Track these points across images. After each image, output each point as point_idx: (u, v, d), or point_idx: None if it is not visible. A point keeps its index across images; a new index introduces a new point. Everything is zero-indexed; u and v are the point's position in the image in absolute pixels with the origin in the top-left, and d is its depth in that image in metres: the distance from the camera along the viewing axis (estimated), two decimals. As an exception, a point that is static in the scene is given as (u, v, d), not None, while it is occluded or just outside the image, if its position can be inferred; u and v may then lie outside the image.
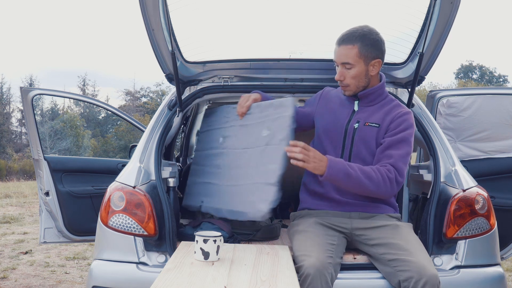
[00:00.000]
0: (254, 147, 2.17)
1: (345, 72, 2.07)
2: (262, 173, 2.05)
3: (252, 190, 2.06)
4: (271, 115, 2.14)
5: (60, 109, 41.68)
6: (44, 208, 3.45)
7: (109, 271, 2.00)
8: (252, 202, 2.02)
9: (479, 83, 41.84)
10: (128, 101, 46.17)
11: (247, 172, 2.14)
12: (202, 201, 2.34)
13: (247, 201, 2.06)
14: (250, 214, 2.03)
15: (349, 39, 2.04)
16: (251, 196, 2.05)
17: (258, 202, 2.00)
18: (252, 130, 2.21)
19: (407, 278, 1.77)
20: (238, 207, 2.10)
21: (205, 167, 2.44)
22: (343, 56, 2.05)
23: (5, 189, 13.28)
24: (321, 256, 1.77)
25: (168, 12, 2.15)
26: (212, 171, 2.36)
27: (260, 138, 2.14)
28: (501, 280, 2.00)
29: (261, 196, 2.00)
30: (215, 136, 2.47)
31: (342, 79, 2.09)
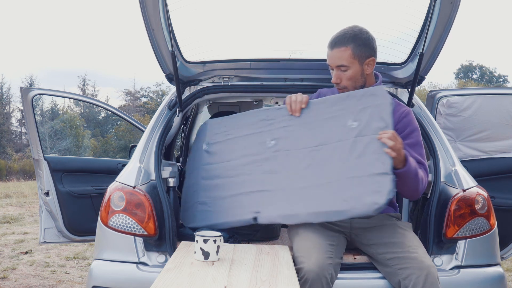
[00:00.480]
0: (334, 142, 1.99)
1: (341, 75, 2.06)
2: (360, 165, 1.88)
3: (350, 185, 1.88)
4: (354, 106, 1.99)
5: (60, 109, 41.69)
6: (44, 208, 3.45)
7: (109, 271, 2.00)
8: (356, 197, 1.85)
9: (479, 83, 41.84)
10: (128, 101, 46.18)
11: (331, 169, 1.95)
12: (257, 211, 2.06)
13: (347, 197, 1.87)
14: (357, 210, 1.85)
15: (341, 41, 2.03)
16: (350, 191, 1.87)
17: (367, 195, 1.82)
18: (325, 125, 2.03)
19: (407, 275, 1.77)
20: (332, 207, 1.89)
21: (244, 176, 2.16)
22: (337, 59, 2.04)
23: (5, 189, 13.28)
24: (321, 257, 1.77)
25: (168, 12, 2.15)
26: (262, 178, 2.11)
27: (344, 131, 1.97)
28: (501, 280, 2.01)
29: (369, 188, 1.83)
30: (250, 142, 2.21)
31: (339, 82, 2.08)
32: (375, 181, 1.83)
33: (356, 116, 1.97)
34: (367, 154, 1.89)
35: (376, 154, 1.86)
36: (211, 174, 2.27)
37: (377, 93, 1.97)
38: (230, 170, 2.22)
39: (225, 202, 2.17)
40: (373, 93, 1.98)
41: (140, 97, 47.66)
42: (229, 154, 2.25)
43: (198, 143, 2.39)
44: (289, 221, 2.00)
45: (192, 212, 2.26)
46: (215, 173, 2.26)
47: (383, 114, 1.92)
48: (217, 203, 2.19)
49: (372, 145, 1.88)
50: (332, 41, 2.06)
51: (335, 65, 2.06)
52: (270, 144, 2.15)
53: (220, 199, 2.20)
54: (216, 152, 2.30)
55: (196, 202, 2.27)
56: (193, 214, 2.25)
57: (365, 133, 1.92)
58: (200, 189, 2.28)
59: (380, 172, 1.83)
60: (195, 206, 2.27)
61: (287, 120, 2.13)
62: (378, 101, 1.95)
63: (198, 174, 2.31)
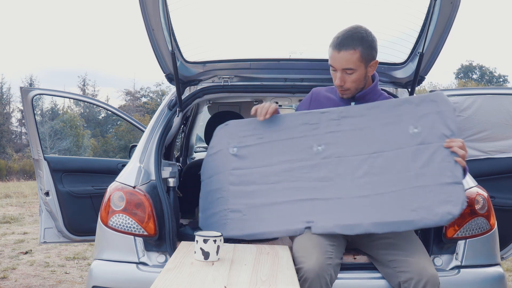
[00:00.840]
0: (394, 149, 1.91)
1: (346, 77, 2.02)
2: (427, 174, 1.83)
3: (418, 194, 1.82)
4: (413, 112, 1.91)
5: (60, 109, 41.68)
6: (44, 208, 3.45)
7: (109, 271, 2.00)
8: (427, 208, 1.79)
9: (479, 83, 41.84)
10: (128, 101, 46.17)
11: (393, 177, 1.88)
12: (309, 221, 1.94)
13: (415, 207, 1.81)
14: (428, 221, 1.79)
15: (350, 43, 1.97)
16: (418, 201, 1.81)
17: (439, 205, 1.77)
18: (382, 131, 1.95)
19: (407, 279, 1.77)
20: (399, 217, 1.82)
21: (289, 183, 2.03)
22: (345, 62, 1.99)
23: (5, 189, 13.27)
24: (320, 257, 1.77)
25: (168, 12, 2.15)
26: (313, 185, 1.99)
27: (405, 138, 1.90)
28: (501, 280, 2.00)
29: (440, 198, 1.78)
30: (291, 146, 2.08)
31: (343, 84, 2.04)
32: (446, 191, 1.78)
33: (417, 123, 1.90)
34: (433, 162, 1.83)
35: (445, 162, 1.82)
36: (244, 180, 2.11)
37: (438, 99, 1.90)
38: (269, 176, 2.07)
39: (266, 210, 2.03)
40: (433, 99, 1.90)
41: (140, 97, 47.67)
42: (266, 159, 2.10)
43: (218, 145, 2.21)
44: (349, 231, 1.89)
45: (220, 220, 2.11)
46: (249, 178, 2.10)
47: (448, 122, 1.86)
48: (256, 211, 2.05)
49: (439, 153, 1.83)
50: (339, 42, 1.98)
51: (342, 67, 2.00)
52: (318, 149, 2.03)
53: (258, 207, 2.05)
54: (247, 156, 2.13)
55: (225, 210, 2.11)
56: (222, 223, 2.10)
57: (430, 141, 1.86)
58: (230, 195, 2.12)
59: (451, 181, 1.79)
60: (224, 213, 2.10)
61: (335, 125, 2.02)
62: (440, 107, 1.88)
63: (225, 179, 2.15)
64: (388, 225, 1.84)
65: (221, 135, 2.21)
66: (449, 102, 1.89)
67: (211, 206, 2.16)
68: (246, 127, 2.18)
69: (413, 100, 1.95)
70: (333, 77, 2.07)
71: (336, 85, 2.06)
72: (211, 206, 2.16)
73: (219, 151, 2.19)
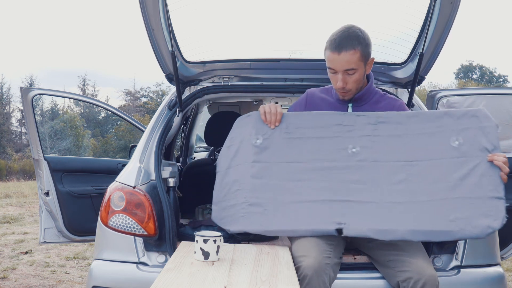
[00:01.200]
0: (433, 159, 1.91)
1: (347, 78, 2.01)
2: (467, 186, 1.84)
3: (457, 205, 1.83)
4: (454, 125, 1.94)
5: (60, 109, 41.69)
6: (44, 208, 3.45)
7: (109, 271, 2.00)
8: (466, 219, 1.80)
9: (479, 83, 41.84)
10: (128, 101, 46.18)
11: (432, 186, 1.87)
12: (341, 222, 1.89)
13: (454, 218, 1.81)
14: (467, 232, 1.80)
15: (349, 44, 1.95)
16: (457, 212, 1.82)
17: (479, 218, 1.79)
18: (421, 140, 1.95)
19: (405, 278, 1.77)
20: (437, 226, 1.82)
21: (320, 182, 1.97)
22: (346, 63, 1.96)
23: (5, 189, 13.28)
24: (319, 257, 1.77)
25: (168, 12, 2.15)
26: (346, 187, 1.95)
27: (445, 150, 1.91)
28: (501, 280, 2.01)
29: (481, 211, 1.80)
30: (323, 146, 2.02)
31: (345, 86, 2.02)
32: (487, 204, 1.80)
33: (458, 136, 1.92)
34: (474, 175, 1.85)
35: (486, 176, 1.84)
36: (267, 173, 2.01)
37: (479, 115, 1.93)
38: (297, 173, 2.00)
39: (292, 207, 1.95)
40: (474, 115, 1.94)
41: (140, 97, 47.67)
42: (294, 155, 2.02)
43: (239, 136, 2.10)
44: (382, 237, 1.85)
45: (237, 214, 1.99)
46: (273, 172, 2.01)
47: (490, 136, 1.90)
48: (279, 207, 1.96)
49: (481, 167, 1.86)
50: (337, 44, 1.96)
51: (343, 69, 1.98)
52: (353, 151, 1.99)
53: (283, 203, 1.96)
54: (272, 150, 2.04)
55: (243, 203, 1.99)
56: (239, 216, 1.98)
57: (471, 154, 1.89)
58: (250, 188, 2.00)
59: (493, 196, 1.81)
60: (242, 207, 1.99)
61: (371, 129, 1.99)
62: (483, 123, 1.92)
63: (245, 171, 2.03)
64: (425, 234, 1.83)
65: (243, 126, 2.11)
66: (491, 118, 1.92)
67: (226, 199, 2.04)
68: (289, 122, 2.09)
69: (454, 114, 1.96)
70: (333, 80, 2.04)
71: (338, 87, 2.03)
72: (226, 199, 2.04)
73: (239, 142, 2.08)
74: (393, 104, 2.13)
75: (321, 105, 2.14)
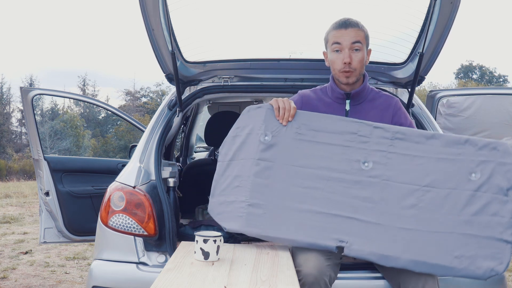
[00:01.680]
0: (448, 188, 1.83)
1: (353, 55, 2.00)
2: (476, 223, 1.78)
3: (463, 242, 1.77)
4: (474, 155, 1.86)
5: (60, 109, 41.69)
6: (44, 208, 3.45)
7: (109, 271, 2.00)
8: (470, 258, 1.76)
9: (479, 83, 41.84)
10: (128, 101, 46.16)
11: (442, 217, 1.81)
12: (343, 240, 1.82)
13: (459, 255, 1.77)
14: (469, 272, 1.76)
15: (355, 23, 2.01)
16: (463, 249, 1.77)
17: (483, 259, 1.75)
18: (438, 166, 1.86)
19: (405, 279, 1.78)
20: (440, 260, 1.77)
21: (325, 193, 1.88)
22: (354, 37, 1.99)
23: (5, 189, 13.27)
24: (319, 259, 1.77)
25: (168, 12, 2.15)
26: (353, 203, 1.86)
27: (461, 180, 1.83)
28: (501, 280, 2.01)
29: (486, 252, 1.76)
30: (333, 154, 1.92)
31: (350, 62, 2.00)
32: (493, 246, 1.76)
33: (476, 167, 1.84)
34: (486, 213, 1.80)
35: (498, 217, 1.78)
36: (271, 174, 1.91)
37: (501, 149, 1.85)
38: (302, 179, 1.90)
39: (293, 215, 1.87)
40: (495, 147, 1.86)
41: (140, 97, 47.67)
42: (302, 159, 1.92)
43: (247, 127, 1.98)
44: (383, 263, 1.79)
45: (235, 212, 1.92)
46: (277, 174, 1.91)
47: (508, 175, 1.82)
48: (280, 213, 1.87)
49: (493, 205, 1.80)
50: (343, 22, 2.01)
51: (351, 41, 1.99)
52: (365, 166, 1.89)
53: (284, 209, 1.88)
54: (280, 149, 1.93)
55: (243, 201, 1.91)
56: (237, 215, 1.91)
57: (486, 190, 1.82)
58: (251, 187, 1.91)
59: (501, 238, 1.77)
60: (241, 205, 1.91)
61: (387, 145, 1.89)
62: (503, 159, 1.84)
63: (249, 167, 1.93)
64: (426, 266, 1.77)
65: (252, 117, 1.99)
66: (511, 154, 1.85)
67: (225, 193, 1.96)
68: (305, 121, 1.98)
69: (475, 142, 1.88)
70: (338, 59, 2.01)
71: (344, 62, 2.00)
72: (225, 193, 1.96)
73: (246, 134, 1.97)
74: (389, 102, 2.12)
75: (318, 105, 2.10)
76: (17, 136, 41.46)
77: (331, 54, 2.04)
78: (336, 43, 2.01)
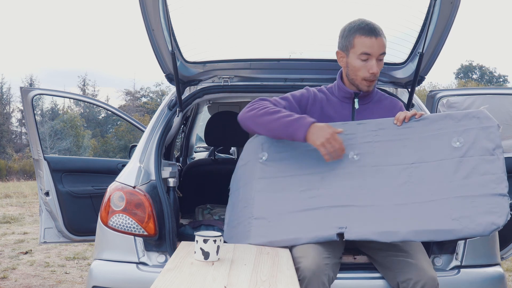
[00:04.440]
0: (435, 160, 1.90)
1: (379, 65, 2.00)
2: (469, 185, 1.82)
3: (459, 204, 1.81)
4: (455, 127, 1.92)
5: (60, 109, 41.69)
6: (44, 208, 3.45)
7: (109, 271, 2.00)
8: (469, 217, 1.78)
9: (479, 83, 41.84)
10: (128, 101, 46.16)
11: (434, 187, 1.86)
12: (342, 227, 1.88)
13: (457, 216, 1.80)
14: (470, 230, 1.78)
15: (382, 32, 1.98)
16: (460, 211, 1.80)
17: (482, 216, 1.77)
18: (423, 143, 1.93)
19: (405, 279, 1.78)
20: (440, 225, 1.80)
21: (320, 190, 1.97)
22: (382, 47, 1.97)
23: (5, 189, 13.27)
24: (317, 257, 1.77)
25: (168, 12, 2.15)
26: (348, 193, 1.94)
27: (447, 151, 1.89)
28: (501, 280, 2.01)
29: (484, 209, 1.78)
30: None
31: (377, 72, 2.00)
32: (490, 202, 1.78)
33: (459, 137, 1.90)
34: (476, 174, 1.84)
35: (489, 175, 1.81)
36: (272, 188, 2.04)
37: (480, 116, 1.91)
38: (299, 183, 2.01)
39: (294, 216, 1.96)
40: (475, 116, 1.92)
41: (140, 97, 47.68)
42: (297, 168, 2.03)
43: (248, 157, 2.14)
44: (384, 239, 1.84)
45: (244, 229, 2.02)
46: (277, 186, 2.03)
47: (492, 136, 1.87)
48: (282, 218, 1.97)
49: (482, 165, 1.84)
50: (372, 28, 1.96)
51: (379, 52, 1.97)
52: (353, 158, 1.97)
53: (286, 213, 1.98)
54: (277, 164, 2.07)
55: (249, 218, 2.03)
56: (246, 231, 2.01)
57: (472, 154, 1.87)
58: (255, 204, 2.04)
59: (496, 193, 1.79)
60: (248, 222, 2.02)
61: (372, 135, 1.99)
62: (484, 123, 1.89)
63: (252, 187, 2.08)
64: (427, 233, 1.81)
65: (251, 147, 2.15)
66: (492, 118, 1.90)
67: (236, 218, 2.08)
68: None
69: (454, 116, 1.94)
70: (364, 67, 1.99)
71: (374, 73, 1.99)
72: (236, 218, 2.08)
73: (248, 162, 2.13)
74: (394, 104, 2.13)
75: (324, 104, 2.09)
76: (17, 136, 41.46)
77: (356, 61, 1.99)
78: (366, 53, 1.97)
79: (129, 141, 32.14)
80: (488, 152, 1.85)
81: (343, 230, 1.87)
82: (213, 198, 2.85)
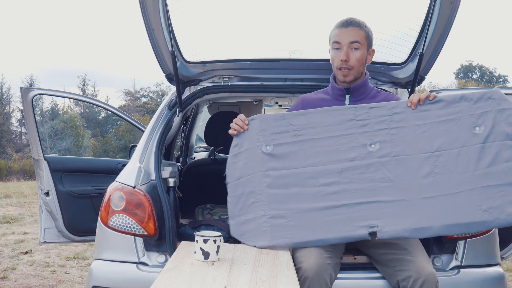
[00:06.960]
0: (457, 147, 1.85)
1: (351, 54, 2.05)
2: (494, 174, 1.80)
3: (487, 194, 1.78)
4: (472, 110, 1.86)
5: (60, 109, 41.71)
6: (44, 208, 3.45)
7: (109, 271, 2.00)
8: (499, 208, 1.76)
9: (479, 83, 41.85)
10: (128, 101, 46.17)
11: (459, 177, 1.82)
12: (373, 225, 1.83)
13: (487, 207, 1.77)
14: (501, 221, 1.77)
15: (356, 23, 2.06)
16: (489, 201, 1.78)
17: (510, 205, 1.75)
18: (441, 128, 1.87)
19: (405, 277, 1.78)
20: (471, 218, 1.77)
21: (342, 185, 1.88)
22: (352, 36, 2.04)
23: (5, 189, 13.27)
24: (319, 257, 1.77)
25: (168, 12, 2.15)
26: (372, 187, 1.86)
27: (467, 136, 1.85)
28: (501, 280, 2.01)
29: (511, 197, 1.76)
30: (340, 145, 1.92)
31: (348, 59, 2.04)
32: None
33: (477, 120, 1.86)
34: (499, 161, 1.81)
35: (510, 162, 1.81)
36: (284, 182, 1.92)
37: (496, 97, 1.87)
38: (315, 178, 1.90)
39: (318, 215, 1.87)
40: (490, 97, 1.87)
41: (140, 97, 47.68)
42: (309, 159, 1.93)
43: (245, 144, 2.01)
44: (418, 235, 1.82)
45: (259, 228, 1.92)
46: (290, 180, 1.92)
47: (510, 120, 1.84)
48: (304, 217, 1.88)
49: (504, 151, 1.82)
50: (345, 21, 2.07)
51: (349, 41, 2.04)
52: (372, 148, 1.90)
53: (307, 212, 1.88)
54: (285, 155, 1.94)
55: (264, 216, 1.92)
56: (262, 230, 1.91)
57: (493, 139, 1.84)
58: (268, 199, 1.92)
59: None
60: (263, 219, 1.91)
61: (387, 121, 1.91)
62: (501, 106, 1.86)
63: (259, 181, 1.95)
64: (460, 227, 1.79)
65: (247, 132, 2.01)
66: (507, 99, 1.87)
67: (243, 212, 1.96)
68: (278, 122, 1.99)
69: (470, 97, 1.89)
70: (336, 57, 2.08)
71: (341, 60, 2.05)
72: (243, 212, 1.96)
73: (246, 150, 2.00)
74: (390, 98, 2.14)
75: (318, 104, 2.11)
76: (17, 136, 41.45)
77: (332, 52, 2.12)
78: (336, 42, 2.08)
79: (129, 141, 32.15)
80: (508, 137, 1.83)
81: (375, 229, 1.82)
82: (213, 198, 2.85)
